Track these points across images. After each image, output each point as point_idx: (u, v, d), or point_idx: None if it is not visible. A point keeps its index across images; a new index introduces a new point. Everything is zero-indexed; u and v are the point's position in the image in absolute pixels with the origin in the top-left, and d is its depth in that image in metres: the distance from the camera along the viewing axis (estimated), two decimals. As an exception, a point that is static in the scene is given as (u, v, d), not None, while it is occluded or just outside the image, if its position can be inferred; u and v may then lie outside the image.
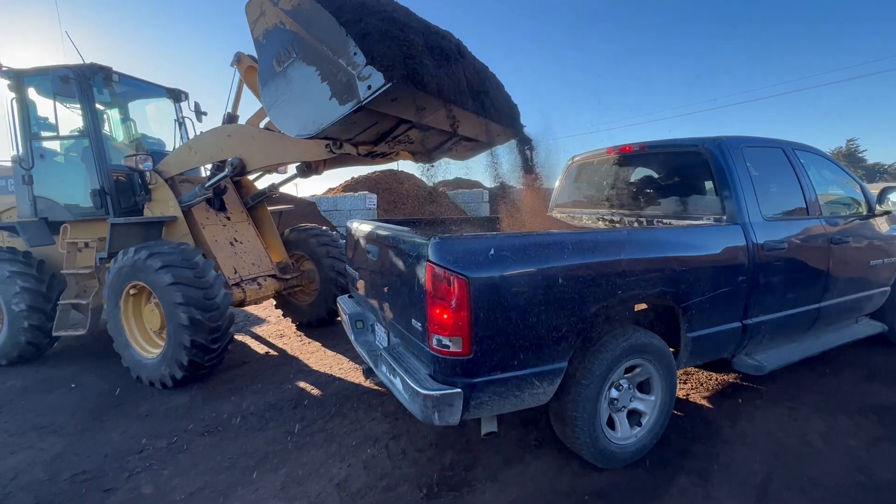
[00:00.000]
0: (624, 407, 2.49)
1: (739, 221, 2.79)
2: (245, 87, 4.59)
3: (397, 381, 2.08)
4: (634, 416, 2.56)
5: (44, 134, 4.68)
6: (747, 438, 2.70)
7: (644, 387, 2.58)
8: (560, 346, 2.09)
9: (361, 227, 2.92)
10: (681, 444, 2.66)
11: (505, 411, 2.06)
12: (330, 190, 15.78)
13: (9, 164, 4.85)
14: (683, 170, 3.30)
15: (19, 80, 4.54)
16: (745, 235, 2.75)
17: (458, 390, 1.88)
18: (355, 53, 2.32)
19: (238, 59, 4.42)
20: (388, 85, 2.28)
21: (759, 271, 2.77)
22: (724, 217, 2.85)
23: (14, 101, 4.57)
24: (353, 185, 15.10)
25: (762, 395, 3.25)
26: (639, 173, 3.73)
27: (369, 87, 2.31)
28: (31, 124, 4.61)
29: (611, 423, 2.46)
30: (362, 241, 2.85)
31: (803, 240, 3.07)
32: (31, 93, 4.70)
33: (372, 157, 3.76)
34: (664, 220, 3.24)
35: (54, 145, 4.78)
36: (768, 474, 2.38)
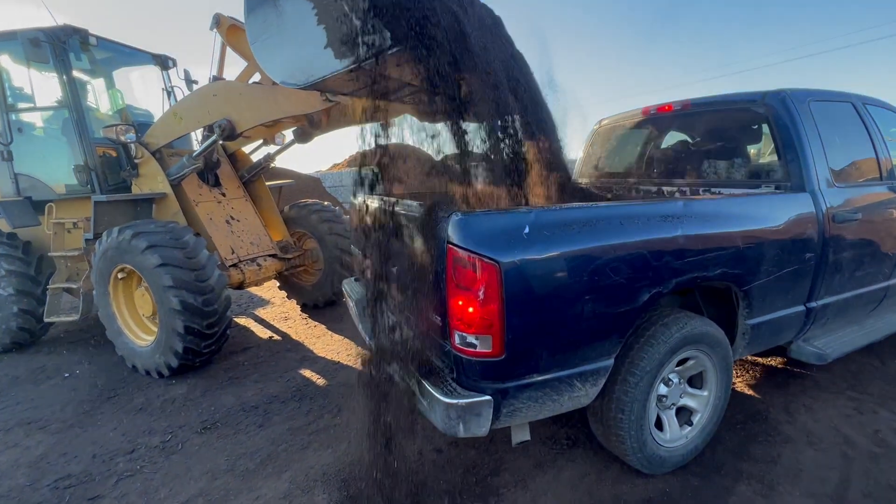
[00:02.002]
0: (673, 404, 2.16)
1: (808, 188, 2.38)
2: (229, 50, 4.16)
3: (412, 384, 1.76)
4: (684, 414, 2.24)
5: (21, 105, 4.30)
6: (811, 436, 2.37)
7: (695, 381, 2.24)
8: (606, 342, 1.75)
9: (367, 202, 2.55)
10: (734, 443, 2.34)
11: (540, 418, 1.75)
12: (334, 165, 15.34)
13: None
14: (736, 130, 2.85)
15: (-11, 45, 4.14)
16: (814, 204, 2.35)
17: (488, 398, 1.55)
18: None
19: (217, 20, 3.99)
20: (394, 50, 1.87)
21: (830, 246, 2.39)
22: (789, 184, 2.44)
23: (-14, 70, 4.19)
24: (358, 160, 14.63)
25: (817, 383, 2.91)
26: (680, 136, 3.28)
27: (373, 46, 1.89)
28: (6, 95, 4.23)
29: (657, 423, 2.14)
30: (369, 218, 2.48)
31: (877, 209, 2.66)
32: (6, 61, 4.31)
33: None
34: (712, 189, 2.83)
35: (34, 118, 4.41)
36: (843, 479, 2.06)
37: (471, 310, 1.49)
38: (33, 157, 4.31)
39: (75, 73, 4.20)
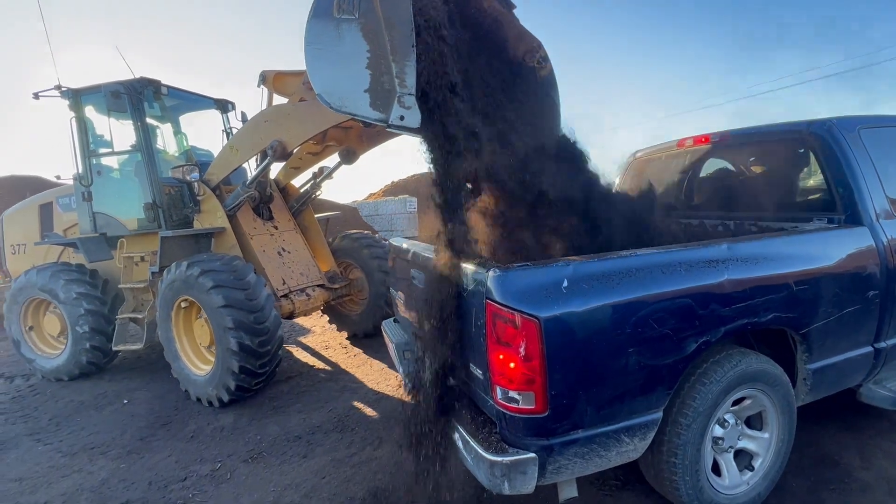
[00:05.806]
0: (731, 447, 2.04)
1: (865, 222, 2.26)
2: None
3: (456, 438, 1.78)
4: (743, 458, 2.12)
5: (100, 151, 4.78)
6: (892, 484, 2.17)
7: (753, 421, 2.13)
8: (653, 395, 1.71)
9: (406, 249, 2.63)
10: (804, 490, 2.18)
11: (587, 473, 1.72)
12: (371, 195, 15.85)
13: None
14: (780, 161, 2.77)
15: (77, 98, 4.64)
16: (873, 237, 2.23)
17: (532, 455, 1.55)
18: (409, 73, 2.01)
19: (263, 77, 4.27)
20: (419, 135, 2.05)
21: (895, 282, 2.24)
22: (843, 217, 2.32)
23: (73, 120, 4.69)
24: (393, 189, 15.05)
25: (891, 421, 2.68)
26: (720, 168, 3.20)
27: (401, 119, 2.00)
28: (89, 142, 4.72)
29: (714, 468, 2.04)
30: (407, 265, 2.57)
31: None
32: (90, 111, 4.82)
33: None
34: (757, 224, 2.73)
35: (111, 162, 4.88)
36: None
37: (512, 365, 1.51)
38: (109, 196, 4.75)
39: (148, 120, 4.65)
